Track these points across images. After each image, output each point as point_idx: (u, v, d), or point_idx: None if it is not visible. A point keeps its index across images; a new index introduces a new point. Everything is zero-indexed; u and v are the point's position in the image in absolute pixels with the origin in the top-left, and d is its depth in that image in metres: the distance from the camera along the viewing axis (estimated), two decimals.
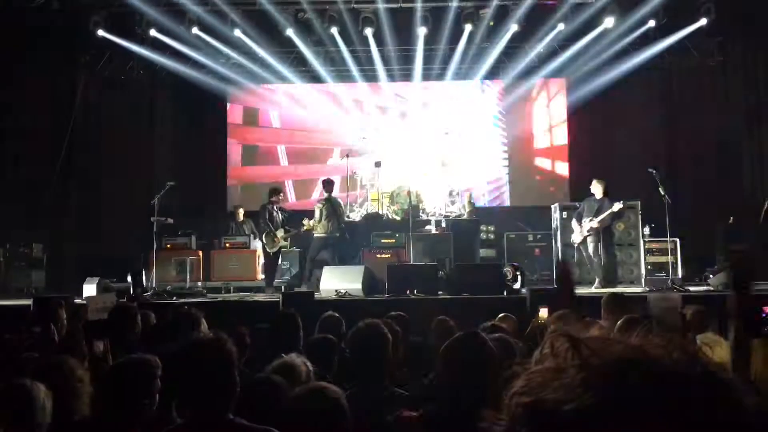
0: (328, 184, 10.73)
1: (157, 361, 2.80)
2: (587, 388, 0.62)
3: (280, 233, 10.48)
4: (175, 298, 9.40)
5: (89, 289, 9.10)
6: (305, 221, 10.62)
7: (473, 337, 2.60)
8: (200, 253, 11.33)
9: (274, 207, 10.62)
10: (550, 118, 14.31)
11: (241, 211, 11.97)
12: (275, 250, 10.54)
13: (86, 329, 4.02)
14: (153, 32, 12.58)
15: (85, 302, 5.70)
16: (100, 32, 12.43)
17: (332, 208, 10.51)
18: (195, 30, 12.58)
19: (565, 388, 0.63)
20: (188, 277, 10.85)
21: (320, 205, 10.56)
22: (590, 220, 9.97)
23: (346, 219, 11.64)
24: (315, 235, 10.51)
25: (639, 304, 5.29)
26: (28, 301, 7.86)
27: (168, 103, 14.33)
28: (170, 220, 11.27)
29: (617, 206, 9.82)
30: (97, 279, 9.73)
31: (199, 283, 10.91)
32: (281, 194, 10.97)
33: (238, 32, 12.70)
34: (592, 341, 0.66)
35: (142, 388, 2.72)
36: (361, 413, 2.46)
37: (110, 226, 12.92)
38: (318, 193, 12.65)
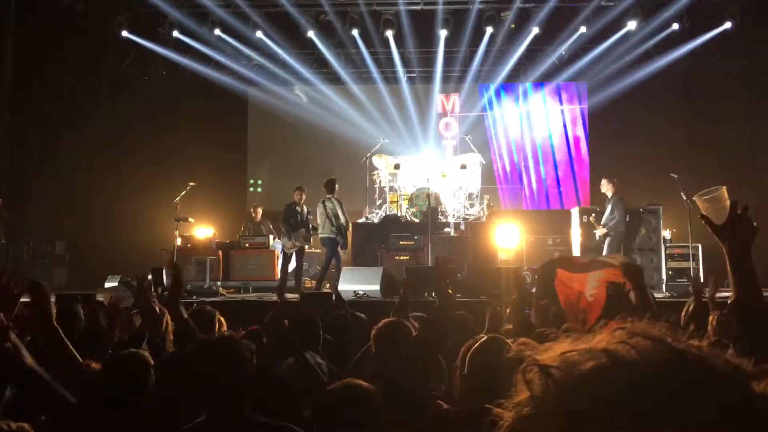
0: (329, 184, 10.50)
1: (148, 358, 2.81)
2: (571, 411, 0.63)
3: (300, 233, 10.38)
4: (194, 297, 9.47)
5: (110, 287, 9.21)
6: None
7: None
8: (220, 253, 11.39)
9: (296, 206, 10.52)
10: (570, 121, 14.22)
11: (260, 211, 11.93)
12: (292, 251, 10.44)
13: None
14: (176, 33, 12.72)
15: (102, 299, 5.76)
16: (124, 33, 12.60)
17: (333, 207, 10.40)
18: (217, 31, 12.71)
19: (549, 418, 0.64)
20: (207, 276, 10.91)
21: (321, 206, 10.44)
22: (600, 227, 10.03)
23: (365, 220, 11.66)
24: (323, 236, 10.34)
25: None
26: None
27: (190, 104, 14.44)
28: (191, 220, 11.38)
29: (598, 233, 9.95)
30: (118, 277, 9.85)
31: (219, 283, 10.97)
32: (300, 192, 10.60)
33: (259, 34, 12.79)
34: (559, 360, 0.66)
35: (135, 384, 2.73)
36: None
37: (132, 224, 13.06)
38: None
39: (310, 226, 10.50)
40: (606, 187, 10.19)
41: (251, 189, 14.70)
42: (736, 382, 0.63)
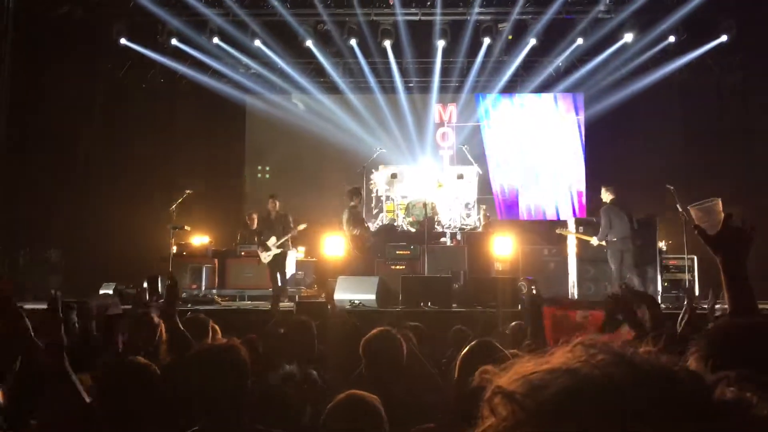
0: (347, 193, 10.62)
1: (153, 367, 2.80)
2: None
3: (271, 241, 10.29)
4: (189, 305, 9.43)
5: (100, 294, 9.18)
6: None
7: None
8: (215, 261, 11.36)
9: (268, 215, 10.47)
10: (567, 132, 14.26)
11: (255, 218, 11.83)
12: (268, 260, 10.41)
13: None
14: (174, 41, 12.74)
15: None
16: (123, 41, 12.61)
17: (341, 216, 10.43)
18: (216, 40, 12.73)
19: None
20: (203, 284, 10.89)
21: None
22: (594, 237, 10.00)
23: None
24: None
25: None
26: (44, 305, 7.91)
27: (187, 111, 14.45)
28: (187, 228, 11.35)
29: (594, 241, 9.90)
30: (113, 285, 9.81)
31: (214, 291, 10.94)
32: (273, 200, 10.54)
33: (258, 42, 12.82)
34: (523, 384, 0.66)
35: (140, 393, 2.71)
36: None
37: (128, 232, 13.02)
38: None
39: (284, 230, 10.33)
40: (604, 195, 10.17)
41: (259, 176, 14.65)
42: (696, 391, 0.63)
